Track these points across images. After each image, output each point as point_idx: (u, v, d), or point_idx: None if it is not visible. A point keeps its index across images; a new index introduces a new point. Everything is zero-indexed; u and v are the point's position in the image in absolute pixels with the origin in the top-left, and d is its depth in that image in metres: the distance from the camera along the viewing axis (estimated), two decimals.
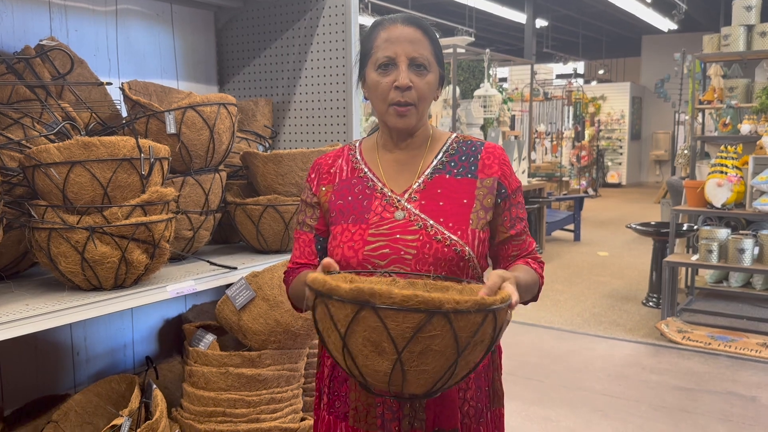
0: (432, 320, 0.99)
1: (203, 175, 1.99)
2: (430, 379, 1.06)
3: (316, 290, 1.06)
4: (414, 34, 1.36)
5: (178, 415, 1.99)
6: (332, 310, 1.04)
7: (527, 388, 3.82)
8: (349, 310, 1.02)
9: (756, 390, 3.85)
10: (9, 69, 1.83)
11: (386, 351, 1.02)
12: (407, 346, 1.01)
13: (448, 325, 1.00)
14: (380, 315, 1.00)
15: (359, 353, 1.04)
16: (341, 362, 1.10)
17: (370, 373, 1.06)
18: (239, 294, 1.96)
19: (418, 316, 0.99)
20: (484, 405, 1.42)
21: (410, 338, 1.00)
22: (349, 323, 1.02)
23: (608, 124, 17.19)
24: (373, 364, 1.04)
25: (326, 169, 1.49)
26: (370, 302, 0.99)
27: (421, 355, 1.02)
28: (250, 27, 2.61)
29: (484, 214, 1.38)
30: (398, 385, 1.06)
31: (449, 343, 1.02)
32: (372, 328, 1.01)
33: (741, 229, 5.29)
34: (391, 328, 1.00)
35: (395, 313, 0.99)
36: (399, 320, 0.99)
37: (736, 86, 5.58)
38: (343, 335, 1.04)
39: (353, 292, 1.00)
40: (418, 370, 1.04)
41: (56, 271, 1.61)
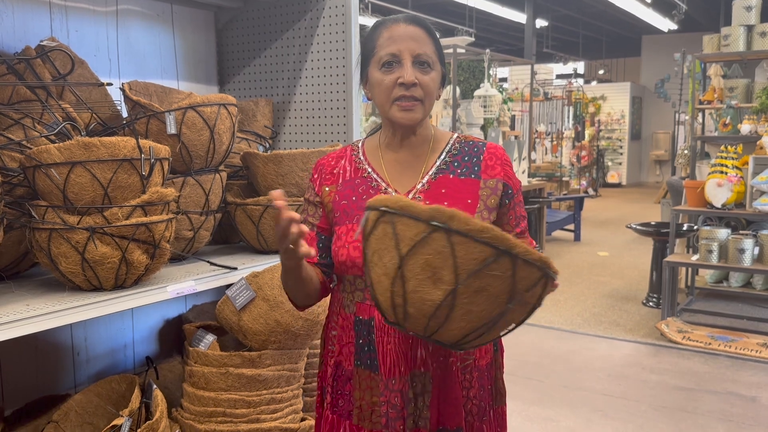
0: (499, 259, 0.98)
1: (203, 176, 1.99)
2: (471, 322, 1.04)
3: (387, 206, 1.04)
4: (417, 32, 1.37)
5: (178, 416, 2.00)
6: (399, 228, 1.02)
7: (527, 388, 3.82)
8: (420, 229, 1.00)
9: (756, 390, 3.85)
10: (9, 69, 1.84)
11: (443, 280, 1.00)
12: (467, 279, 0.99)
13: (511, 270, 0.99)
14: (452, 241, 0.98)
15: (413, 277, 1.02)
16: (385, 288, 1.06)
17: (416, 302, 1.03)
18: (239, 294, 1.96)
19: (488, 251, 0.98)
20: (487, 403, 1.43)
21: (473, 271, 0.99)
22: (415, 243, 1.00)
23: (608, 124, 17.19)
24: (424, 291, 1.02)
25: (329, 170, 1.49)
26: (446, 225, 0.98)
27: (475, 293, 1.00)
28: (251, 27, 2.61)
29: (487, 214, 1.39)
30: (438, 323, 1.03)
31: (504, 289, 1.01)
32: (437, 253, 0.99)
33: (741, 229, 5.29)
34: (458, 256, 0.98)
35: (467, 241, 0.98)
36: (468, 250, 0.98)
37: (736, 86, 5.58)
38: (403, 255, 1.01)
39: (431, 211, 0.99)
40: (466, 309, 1.02)
41: (57, 271, 1.61)
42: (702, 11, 13.97)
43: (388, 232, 1.04)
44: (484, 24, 15.45)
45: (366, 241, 1.10)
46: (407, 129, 1.42)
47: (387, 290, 1.07)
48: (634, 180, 17.86)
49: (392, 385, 1.34)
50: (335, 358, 1.45)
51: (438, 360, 1.37)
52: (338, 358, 1.44)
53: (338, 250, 1.39)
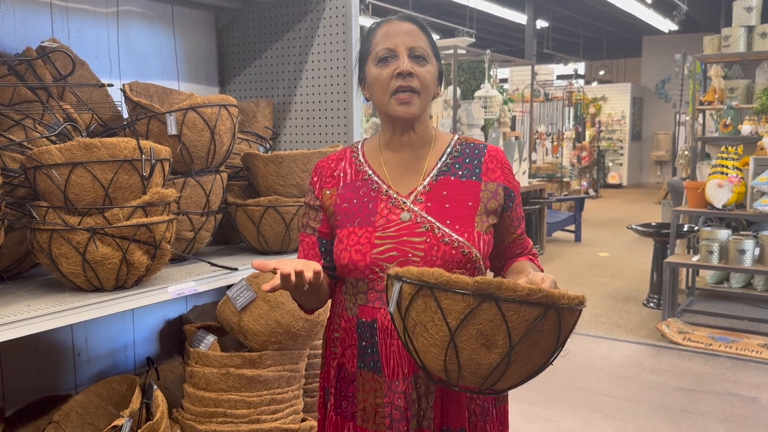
0: (547, 315, 1.02)
1: (204, 176, 2.00)
2: (525, 373, 1.08)
3: (424, 281, 1.05)
4: (411, 28, 1.39)
5: (179, 416, 2.00)
6: (444, 302, 1.04)
7: (528, 388, 3.82)
8: (469, 303, 1.02)
9: (757, 391, 3.85)
10: (10, 70, 1.84)
11: (497, 344, 1.03)
12: (521, 340, 1.02)
13: (557, 320, 1.03)
14: (502, 308, 1.01)
15: (467, 347, 1.04)
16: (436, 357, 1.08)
17: (471, 367, 1.06)
18: (240, 295, 1.96)
19: (537, 310, 1.01)
20: (490, 403, 1.44)
21: (525, 332, 1.02)
22: (465, 315, 1.02)
23: (609, 125, 17.19)
24: (479, 357, 1.04)
25: (329, 173, 1.49)
26: (495, 295, 1.01)
27: (530, 349, 1.04)
28: (251, 28, 2.61)
29: (486, 217, 1.40)
30: (494, 381, 1.07)
31: (553, 339, 1.05)
32: (489, 321, 1.02)
33: (742, 229, 5.29)
34: (510, 320, 1.01)
35: (517, 306, 1.01)
36: (519, 314, 1.01)
37: (736, 87, 5.58)
38: (453, 328, 1.04)
39: (478, 285, 1.02)
40: (520, 364, 1.05)
41: (57, 272, 1.61)
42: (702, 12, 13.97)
43: (431, 306, 1.05)
44: (485, 25, 15.45)
45: (404, 314, 1.10)
46: (406, 124, 1.42)
47: (438, 359, 1.08)
48: (635, 181, 17.85)
49: (396, 386, 1.34)
50: (338, 360, 1.45)
51: None
52: (341, 360, 1.44)
53: (340, 254, 1.39)
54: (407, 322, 1.10)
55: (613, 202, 13.84)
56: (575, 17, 15.64)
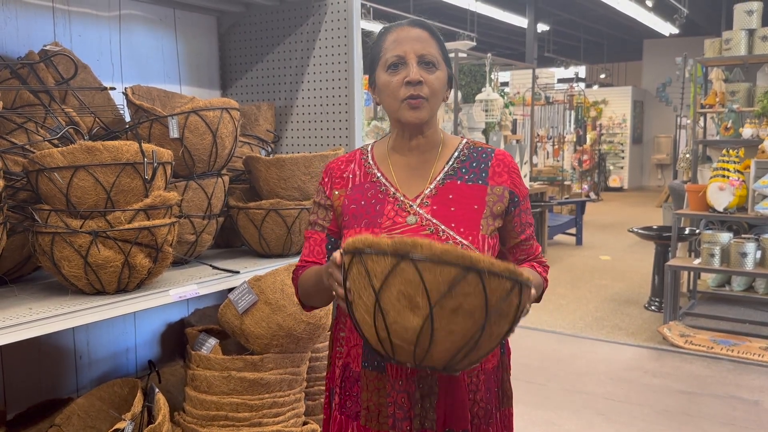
0: (467, 276, 1.02)
1: (206, 180, 2.00)
2: (455, 343, 1.07)
3: (355, 248, 1.08)
4: (421, 34, 1.40)
5: (180, 419, 2.00)
6: (369, 265, 1.06)
7: (529, 392, 3.82)
8: (388, 263, 1.04)
9: (759, 394, 3.84)
10: (13, 74, 1.84)
11: (419, 306, 1.04)
12: (440, 301, 1.03)
13: (481, 285, 1.03)
14: (419, 267, 1.02)
15: (391, 308, 1.06)
16: (369, 324, 1.10)
17: (398, 332, 1.07)
18: (242, 298, 1.96)
19: (455, 271, 1.02)
20: (494, 406, 1.44)
21: (444, 292, 1.03)
22: (386, 276, 1.05)
23: (610, 128, 17.19)
24: (403, 320, 1.06)
25: (339, 174, 1.50)
26: (410, 253, 1.02)
27: (452, 313, 1.04)
28: (253, 32, 2.62)
29: (492, 220, 1.41)
30: (424, 348, 1.07)
31: (479, 304, 1.05)
32: (408, 281, 1.04)
33: (743, 232, 5.28)
34: (427, 281, 1.03)
35: (433, 265, 1.02)
36: (436, 273, 1.02)
37: (737, 90, 5.58)
38: (377, 290, 1.06)
39: (395, 244, 1.04)
40: (447, 330, 1.05)
41: (59, 275, 1.61)
42: (703, 15, 13.98)
43: (361, 272, 1.08)
44: (486, 28, 15.47)
45: (345, 285, 1.14)
46: (415, 129, 1.43)
47: (371, 327, 1.11)
48: (636, 184, 17.85)
49: (399, 386, 1.35)
50: (343, 359, 1.46)
51: None
52: (346, 359, 1.45)
53: None
54: (348, 294, 1.13)
55: (614, 206, 13.83)
56: (576, 21, 15.66)
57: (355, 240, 1.09)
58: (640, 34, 17.13)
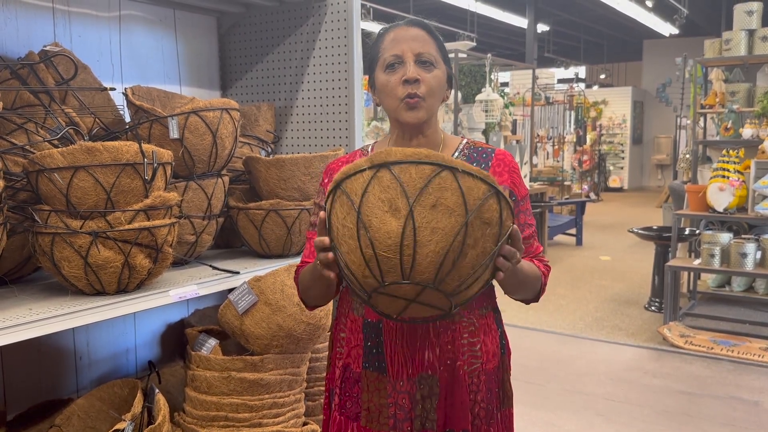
0: (441, 174, 1.08)
1: (206, 180, 2.00)
2: (440, 243, 1.08)
3: (335, 181, 1.14)
4: (418, 33, 1.40)
5: (180, 420, 2.00)
6: (349, 188, 1.12)
7: (529, 392, 3.82)
8: (366, 176, 1.10)
9: (759, 394, 3.84)
10: (13, 74, 1.84)
11: (399, 207, 1.08)
12: (419, 198, 1.07)
13: (456, 182, 1.08)
14: (394, 172, 1.08)
15: (373, 216, 1.09)
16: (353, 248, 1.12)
17: (381, 240, 1.08)
18: (242, 298, 1.96)
19: (429, 168, 1.08)
20: (495, 406, 1.44)
21: (421, 188, 1.07)
22: (365, 187, 1.10)
23: (610, 129, 17.19)
24: (386, 226, 1.08)
25: None
26: (386, 161, 1.09)
27: (432, 209, 1.08)
28: (253, 32, 2.62)
29: None
30: (410, 255, 1.08)
31: (458, 201, 1.08)
32: (387, 187, 1.09)
33: (743, 233, 5.28)
34: (404, 181, 1.08)
35: (408, 166, 1.08)
36: (411, 173, 1.08)
37: (737, 90, 5.58)
38: (358, 205, 1.10)
39: (370, 158, 1.11)
40: (430, 228, 1.08)
41: (59, 275, 1.61)
42: (703, 16, 13.98)
43: (343, 201, 1.13)
44: (486, 29, 15.47)
45: (329, 222, 1.17)
46: (415, 129, 1.43)
47: (356, 250, 1.11)
48: (636, 184, 17.85)
49: (400, 386, 1.35)
50: (343, 360, 1.46)
51: (445, 363, 1.37)
52: (346, 360, 1.45)
53: None
54: (333, 232, 1.16)
55: (614, 206, 13.83)
56: (576, 21, 15.66)
57: (335, 178, 1.15)
58: (640, 35, 17.13)
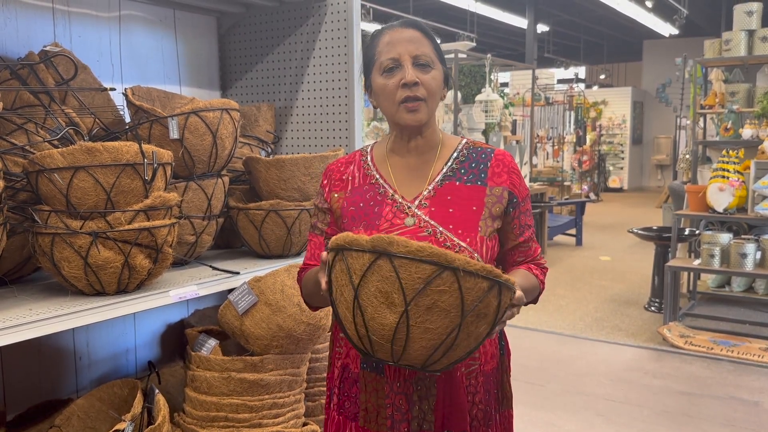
0: (442, 275, 1.04)
1: (206, 180, 2.00)
2: (431, 341, 1.08)
3: (338, 245, 1.11)
4: (414, 35, 1.40)
5: (180, 420, 2.00)
6: (350, 261, 1.09)
7: (529, 393, 3.82)
8: (366, 259, 1.07)
9: (759, 395, 3.84)
10: (13, 75, 1.84)
11: (395, 303, 1.06)
12: (415, 298, 1.05)
13: (456, 283, 1.04)
14: (394, 264, 1.05)
15: (369, 305, 1.08)
16: (349, 321, 1.12)
17: (376, 328, 1.08)
18: (242, 299, 1.96)
19: (430, 268, 1.04)
20: (493, 408, 1.44)
21: (419, 290, 1.04)
22: (364, 272, 1.07)
23: (609, 129, 17.19)
24: (380, 316, 1.07)
25: (338, 176, 1.50)
26: (387, 250, 1.05)
27: (427, 310, 1.05)
28: (253, 32, 2.62)
29: (491, 222, 1.40)
30: (400, 346, 1.08)
31: (455, 303, 1.06)
32: (385, 278, 1.06)
33: (743, 233, 5.28)
34: (403, 278, 1.05)
35: (408, 262, 1.04)
36: (411, 270, 1.04)
37: (737, 91, 5.58)
38: (356, 285, 1.08)
39: (373, 240, 1.07)
40: (423, 328, 1.06)
41: (59, 275, 1.61)
42: (703, 16, 13.99)
43: (343, 268, 1.11)
44: (486, 29, 15.47)
45: (329, 282, 1.17)
46: (414, 130, 1.43)
47: (351, 323, 1.12)
48: (636, 184, 17.85)
49: (397, 387, 1.35)
50: (342, 360, 1.46)
51: None
52: (345, 360, 1.45)
53: None
54: (331, 291, 1.16)
55: (614, 206, 13.83)
56: (576, 21, 15.66)
57: (338, 238, 1.12)
58: (640, 35, 17.13)
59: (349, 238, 1.10)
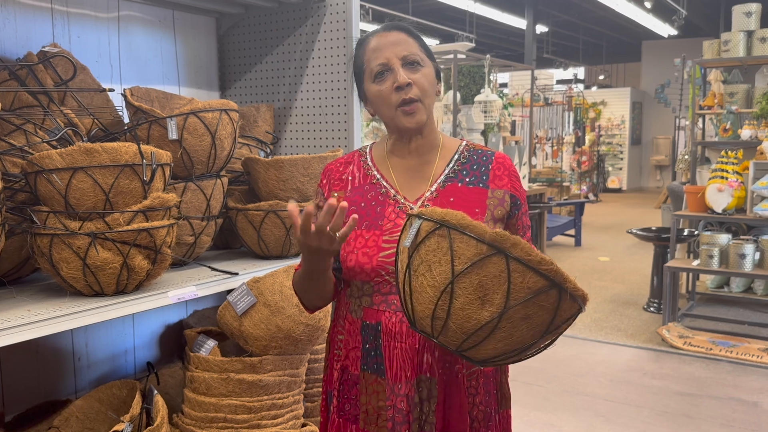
0: (550, 291, 1.01)
1: (205, 181, 2.00)
2: (506, 347, 1.06)
3: (445, 220, 1.06)
4: (399, 37, 1.40)
5: (179, 421, 1.99)
6: (457, 244, 1.04)
7: (529, 393, 3.82)
8: (481, 250, 1.02)
9: (758, 395, 3.84)
10: (12, 75, 1.84)
11: (493, 302, 1.02)
12: (517, 306, 1.02)
13: (557, 302, 1.02)
14: (510, 266, 1.01)
15: (464, 295, 1.03)
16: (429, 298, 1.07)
17: (459, 318, 1.05)
18: (240, 299, 1.96)
19: (543, 282, 1.01)
20: (493, 408, 1.44)
21: (524, 299, 1.01)
22: (473, 263, 1.02)
23: (609, 129, 17.20)
24: (471, 310, 1.04)
25: (337, 176, 1.50)
26: (507, 251, 1.01)
27: (521, 319, 1.03)
28: (252, 33, 2.62)
29: (493, 224, 1.41)
30: (475, 342, 1.05)
31: (546, 320, 1.04)
32: (494, 276, 1.02)
33: (742, 234, 5.29)
34: (513, 281, 1.01)
35: (525, 270, 1.00)
36: (524, 278, 1.01)
37: (736, 91, 5.59)
38: (458, 272, 1.03)
39: (495, 235, 1.02)
40: (507, 333, 1.04)
41: (58, 276, 1.61)
42: (702, 17, 14.00)
43: (443, 246, 1.05)
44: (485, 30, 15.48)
45: (414, 249, 1.10)
46: (414, 132, 1.43)
47: (431, 301, 1.07)
48: (635, 185, 17.86)
49: (398, 389, 1.35)
50: (341, 362, 1.46)
51: (444, 366, 1.37)
52: (344, 362, 1.45)
53: (347, 256, 1.40)
54: (413, 259, 1.10)
55: (613, 207, 13.84)
56: (575, 22, 15.67)
57: (447, 212, 1.06)
58: (639, 36, 17.15)
59: (465, 220, 1.04)
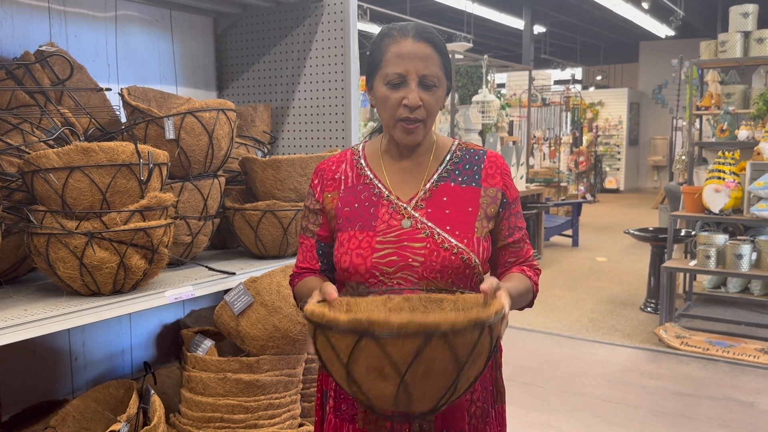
0: (430, 343, 1.00)
1: (202, 181, 2.00)
2: (434, 396, 1.07)
3: (316, 323, 1.06)
4: (425, 50, 1.35)
5: (176, 421, 1.99)
6: (333, 340, 1.05)
7: (527, 394, 3.82)
8: (349, 340, 1.03)
9: (755, 395, 3.85)
10: (8, 74, 1.84)
11: (389, 376, 1.03)
12: (409, 370, 1.02)
13: (446, 346, 1.01)
14: (380, 343, 1.00)
15: (363, 380, 1.05)
16: (347, 389, 1.11)
17: (376, 397, 1.07)
18: (238, 299, 1.96)
19: (417, 341, 1.00)
20: (489, 404, 1.45)
21: (411, 362, 1.01)
22: (350, 352, 1.03)
23: (606, 130, 17.22)
24: (378, 388, 1.05)
25: (330, 176, 1.49)
26: (369, 331, 1.00)
27: (423, 376, 1.03)
28: (249, 33, 2.62)
29: (486, 222, 1.41)
30: (404, 405, 1.07)
31: (449, 363, 1.03)
32: (373, 356, 1.02)
33: (739, 234, 5.29)
34: (392, 353, 1.01)
35: (394, 339, 1.00)
36: (399, 346, 1.00)
37: (733, 92, 5.60)
38: (345, 364, 1.05)
39: (351, 323, 1.01)
40: (422, 390, 1.05)
41: (55, 276, 1.61)
42: (699, 18, 14.03)
43: (327, 344, 1.07)
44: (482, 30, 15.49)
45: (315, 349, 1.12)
46: (409, 146, 1.43)
47: (348, 390, 1.11)
48: (632, 185, 17.88)
49: None
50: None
51: None
52: None
53: (341, 257, 1.39)
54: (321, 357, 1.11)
55: (610, 207, 13.85)
56: (573, 22, 15.69)
57: (313, 313, 1.07)
58: (637, 36, 17.17)
59: (325, 318, 1.04)
